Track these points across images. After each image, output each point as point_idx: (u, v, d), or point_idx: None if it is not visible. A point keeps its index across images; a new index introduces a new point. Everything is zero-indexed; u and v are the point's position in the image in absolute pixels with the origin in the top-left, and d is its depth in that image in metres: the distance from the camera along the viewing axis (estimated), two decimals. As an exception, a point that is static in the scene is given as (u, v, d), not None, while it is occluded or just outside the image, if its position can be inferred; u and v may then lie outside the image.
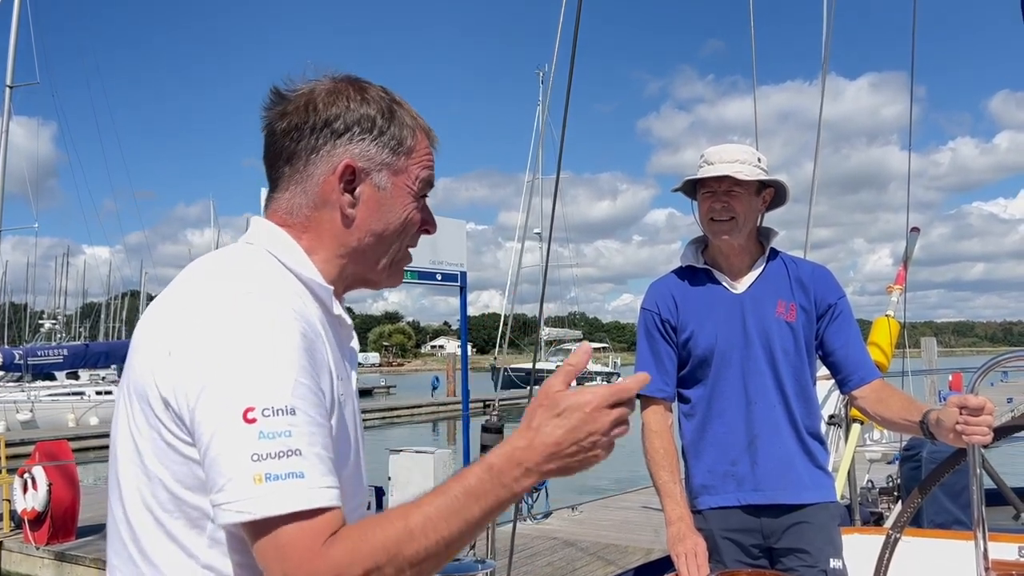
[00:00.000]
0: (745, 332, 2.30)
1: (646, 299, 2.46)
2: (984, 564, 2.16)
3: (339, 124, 1.10)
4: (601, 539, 8.11)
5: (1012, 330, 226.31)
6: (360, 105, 1.12)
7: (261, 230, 1.12)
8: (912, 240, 4.93)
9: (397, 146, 1.14)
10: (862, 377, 2.31)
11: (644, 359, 2.42)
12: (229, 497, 0.89)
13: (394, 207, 1.14)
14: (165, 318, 1.00)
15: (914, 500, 2.16)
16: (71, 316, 54.39)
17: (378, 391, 49.73)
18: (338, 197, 1.11)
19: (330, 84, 1.13)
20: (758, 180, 2.30)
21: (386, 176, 1.13)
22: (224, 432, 0.90)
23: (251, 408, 0.90)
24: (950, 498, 4.17)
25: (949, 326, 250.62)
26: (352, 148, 1.11)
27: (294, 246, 1.10)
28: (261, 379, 0.92)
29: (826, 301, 2.33)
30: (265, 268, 1.06)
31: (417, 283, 9.46)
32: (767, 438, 2.28)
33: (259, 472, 0.88)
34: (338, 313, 1.13)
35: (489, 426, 7.04)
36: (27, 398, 24.52)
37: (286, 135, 1.11)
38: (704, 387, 2.35)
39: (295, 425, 0.91)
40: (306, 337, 0.98)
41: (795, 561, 2.24)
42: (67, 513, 8.52)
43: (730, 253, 2.36)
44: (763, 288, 2.35)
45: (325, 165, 1.10)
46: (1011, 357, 2.66)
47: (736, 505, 2.30)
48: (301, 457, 0.90)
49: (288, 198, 1.12)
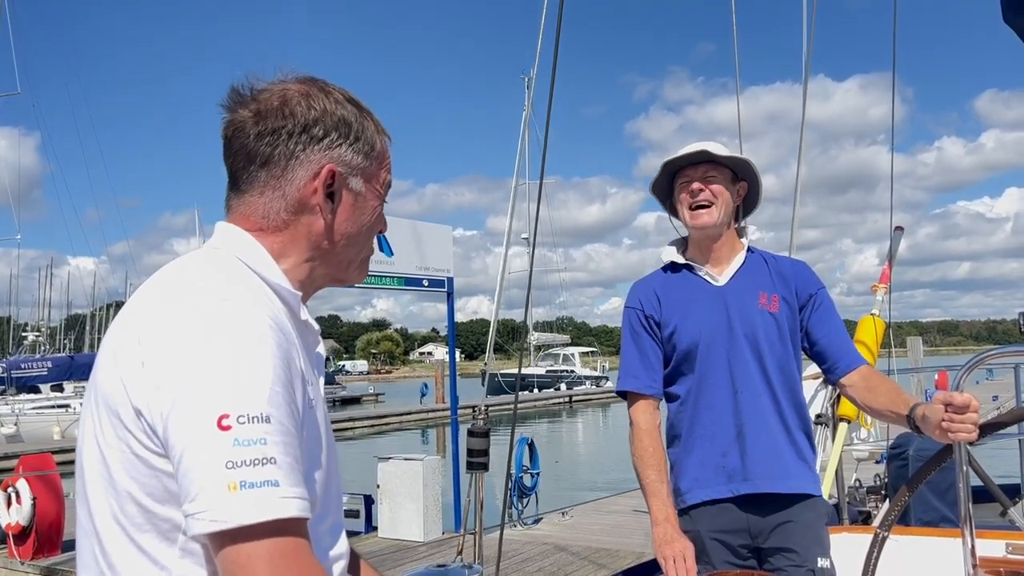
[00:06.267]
0: (729, 323, 2.31)
1: (629, 298, 2.47)
2: (972, 561, 2.17)
3: (318, 129, 1.11)
4: (592, 543, 8.10)
5: (996, 328, 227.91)
6: (336, 108, 1.13)
7: (228, 235, 1.11)
8: (896, 239, 4.96)
9: (370, 151, 1.16)
10: (848, 364, 2.33)
11: (629, 356, 2.42)
12: (202, 506, 0.87)
13: (366, 210, 1.17)
14: (135, 328, 0.98)
15: (901, 498, 2.17)
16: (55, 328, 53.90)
17: (367, 399, 49.59)
18: (318, 202, 1.12)
19: (300, 87, 1.13)
20: (731, 169, 2.35)
21: (360, 180, 1.16)
22: (198, 439, 0.88)
23: (226, 415, 0.88)
24: (937, 496, 4.19)
25: (934, 325, 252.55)
26: (331, 153, 1.12)
27: (262, 251, 1.10)
28: (236, 386, 0.90)
29: (807, 291, 2.36)
30: (236, 274, 1.05)
31: (404, 290, 9.43)
32: (754, 427, 2.28)
33: (234, 480, 0.87)
34: (304, 318, 1.12)
35: (475, 430, 7.01)
36: (11, 411, 24.26)
37: (261, 138, 1.10)
38: (691, 380, 2.35)
39: (270, 433, 0.90)
40: (280, 345, 0.97)
41: (783, 560, 2.24)
42: (52, 527, 8.43)
43: (711, 246, 2.38)
44: (744, 280, 2.37)
45: (305, 170, 1.11)
46: (995, 354, 2.69)
47: (727, 497, 2.29)
48: (276, 466, 0.89)
49: (264, 202, 1.11)
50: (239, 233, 1.11)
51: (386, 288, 9.27)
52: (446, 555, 7.55)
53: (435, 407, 35.65)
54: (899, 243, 5.01)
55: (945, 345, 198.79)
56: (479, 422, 7.17)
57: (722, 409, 2.30)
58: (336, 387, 49.69)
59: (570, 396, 44.62)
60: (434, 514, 8.60)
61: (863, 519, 4.50)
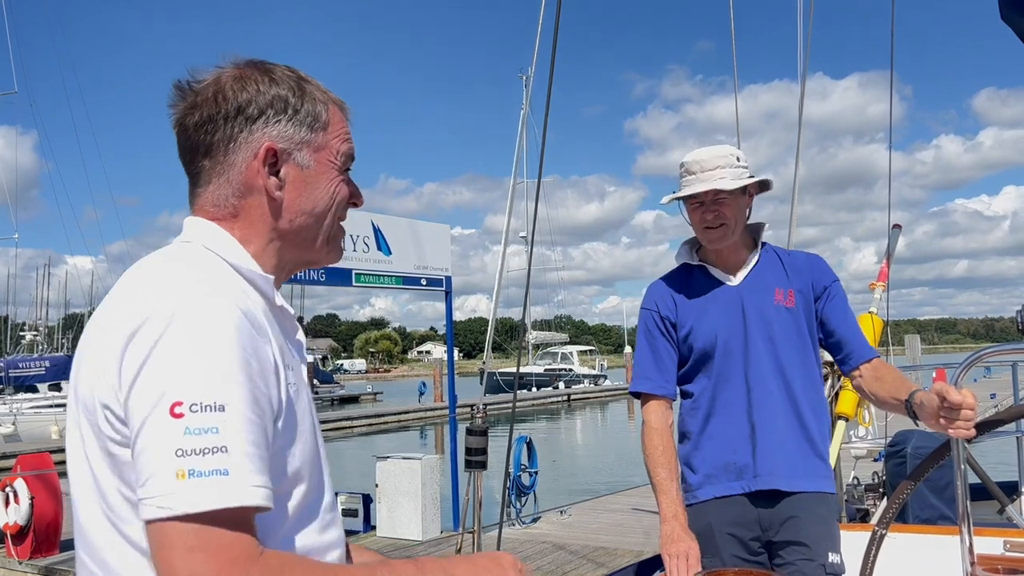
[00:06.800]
0: (745, 322, 2.32)
1: (645, 299, 2.49)
2: (970, 559, 2.17)
3: (252, 109, 1.09)
4: (591, 542, 8.11)
5: (994, 326, 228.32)
6: (270, 87, 1.11)
7: (195, 228, 1.11)
8: (894, 236, 4.96)
9: (313, 122, 1.13)
10: (861, 356, 2.34)
11: (643, 357, 2.44)
12: (151, 492, 0.88)
13: (320, 183, 1.14)
14: (109, 327, 0.98)
15: (899, 496, 2.17)
16: (53, 327, 53.77)
17: (365, 398, 49.53)
18: (264, 181, 1.10)
19: (235, 71, 1.12)
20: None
21: (308, 154, 1.13)
22: (150, 426, 0.89)
23: (179, 403, 0.89)
24: (935, 493, 4.20)
25: (932, 323, 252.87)
26: (269, 130, 1.10)
27: (229, 239, 1.10)
28: (191, 375, 0.90)
29: (821, 284, 2.38)
30: (206, 265, 1.05)
31: (402, 288, 9.43)
32: (766, 425, 2.29)
33: (182, 468, 0.87)
34: (280, 304, 1.12)
35: (474, 428, 7.01)
36: (9, 411, 24.24)
37: (199, 129, 1.10)
38: (707, 380, 2.36)
39: (224, 422, 0.90)
40: (248, 333, 0.97)
41: (794, 555, 2.24)
42: (50, 527, 8.42)
43: (724, 250, 2.40)
44: (759, 278, 2.38)
45: (245, 152, 1.10)
46: (992, 352, 2.69)
47: (736, 494, 2.30)
48: (227, 455, 0.89)
49: (213, 191, 1.11)
50: (204, 223, 1.11)
51: (384, 287, 9.26)
52: (444, 554, 7.56)
53: (433, 406, 35.67)
54: (897, 241, 5.00)
55: (943, 343, 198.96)
56: (477, 421, 7.18)
57: (736, 407, 2.32)
58: (334, 386, 49.64)
59: (568, 395, 44.61)
60: (432, 513, 8.60)
61: (861, 517, 4.51)
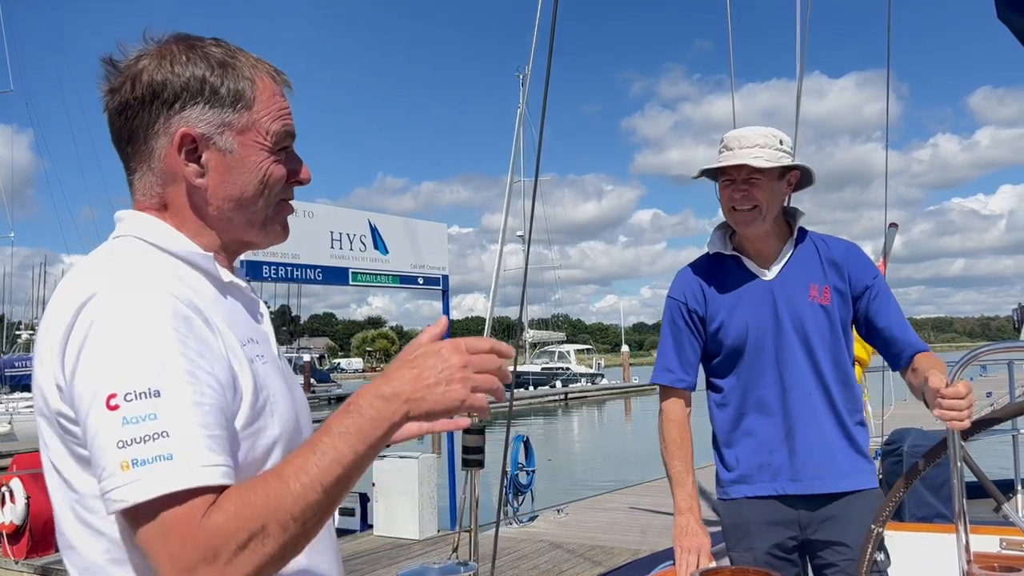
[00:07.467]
0: (777, 319, 2.24)
1: (673, 287, 2.39)
2: (966, 557, 2.16)
3: (167, 93, 1.04)
4: (588, 541, 8.10)
5: (990, 325, 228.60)
6: (186, 67, 1.04)
7: (126, 220, 1.09)
8: (891, 235, 4.97)
9: (236, 102, 1.06)
10: (913, 351, 2.26)
11: (667, 348, 2.38)
12: (105, 487, 0.88)
13: (246, 167, 1.07)
14: (47, 334, 0.98)
15: (896, 494, 2.16)
16: (49, 326, 53.60)
17: (362, 397, 49.37)
18: (183, 170, 1.05)
19: (155, 49, 1.06)
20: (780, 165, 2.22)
21: (230, 137, 1.06)
22: (92, 422, 0.90)
23: (113, 395, 0.89)
24: (931, 492, 4.21)
25: (929, 322, 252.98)
26: (186, 115, 1.04)
27: (161, 225, 1.07)
28: (121, 365, 0.90)
29: (863, 282, 2.27)
30: (134, 257, 1.03)
31: (399, 287, 9.42)
32: (805, 427, 2.23)
33: (125, 459, 0.87)
34: (229, 280, 1.09)
35: (471, 427, 7.00)
36: (5, 410, 24.19)
37: (120, 114, 1.06)
38: (737, 377, 2.30)
39: (160, 407, 0.89)
40: (182, 317, 0.95)
41: (834, 555, 2.20)
42: (47, 526, 8.39)
43: (757, 239, 2.30)
44: (794, 272, 2.28)
45: (164, 139, 1.05)
46: (988, 350, 2.68)
47: (772, 495, 2.25)
48: (169, 439, 0.88)
49: (139, 179, 1.09)
50: (135, 215, 1.09)
51: (381, 286, 9.26)
52: (441, 553, 7.55)
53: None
54: (893, 240, 5.01)
55: (939, 342, 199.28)
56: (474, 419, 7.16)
57: (771, 408, 2.25)
58: (331, 385, 49.58)
59: (565, 393, 44.64)
60: (429, 512, 8.59)
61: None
